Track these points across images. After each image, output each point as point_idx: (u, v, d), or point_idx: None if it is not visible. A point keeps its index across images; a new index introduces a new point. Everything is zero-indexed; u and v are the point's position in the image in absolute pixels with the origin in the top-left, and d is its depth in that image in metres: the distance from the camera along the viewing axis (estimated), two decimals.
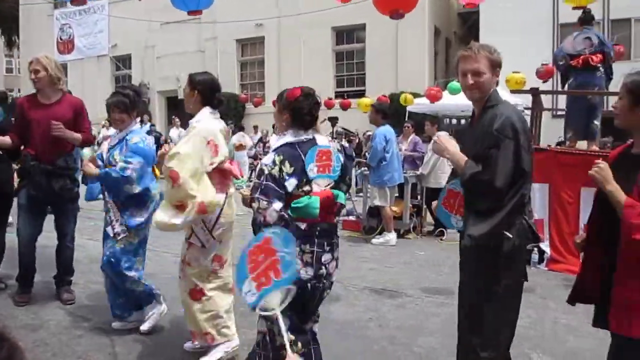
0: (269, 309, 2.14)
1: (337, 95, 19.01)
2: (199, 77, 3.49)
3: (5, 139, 4.36)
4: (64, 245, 4.66)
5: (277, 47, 21.03)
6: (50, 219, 4.68)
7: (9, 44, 32.85)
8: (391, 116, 8.33)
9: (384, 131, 7.53)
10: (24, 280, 4.57)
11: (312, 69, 18.65)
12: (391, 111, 14.84)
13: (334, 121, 8.66)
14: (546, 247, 6.22)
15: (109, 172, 3.73)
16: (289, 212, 2.60)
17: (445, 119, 13.58)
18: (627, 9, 15.45)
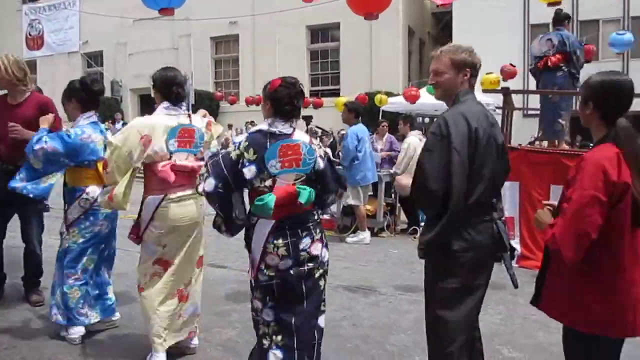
0: None
1: (312, 94, 19.03)
2: (155, 74, 3.47)
3: None
4: (29, 250, 4.57)
5: (251, 45, 20.95)
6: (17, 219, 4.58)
7: None
8: (365, 115, 8.37)
9: (356, 130, 7.55)
10: None
11: (286, 68, 18.53)
12: (365, 110, 15.01)
13: (308, 120, 8.67)
14: (516, 245, 6.31)
15: (33, 138, 3.68)
16: (252, 208, 2.70)
17: (418, 117, 13.69)
18: (595, 11, 15.78)
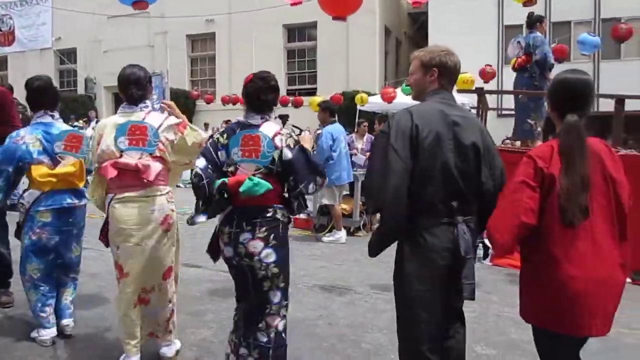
0: None
1: (289, 93, 19.00)
2: (118, 73, 3.38)
3: None
4: None
5: (228, 43, 20.82)
6: None
7: None
8: (342, 115, 8.39)
9: (331, 130, 7.55)
10: None
11: (263, 66, 17.95)
12: (342, 110, 15.04)
13: (284, 119, 8.65)
14: (490, 243, 6.39)
15: None
16: None
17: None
18: (567, 12, 16.06)
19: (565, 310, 2.20)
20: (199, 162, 2.85)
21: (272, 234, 2.84)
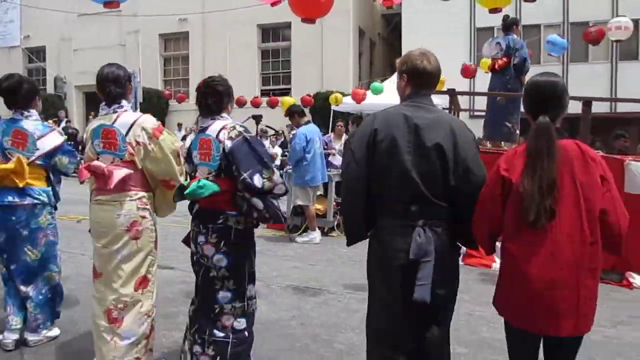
0: None
1: (264, 93, 18.95)
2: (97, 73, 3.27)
3: None
4: None
5: (201, 43, 20.66)
6: None
7: None
8: (316, 115, 8.40)
9: (304, 131, 7.54)
10: None
11: (237, 66, 18.44)
12: (316, 110, 15.07)
13: (258, 119, 8.61)
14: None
15: None
16: None
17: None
18: (536, 16, 16.34)
19: (525, 308, 2.26)
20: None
21: (222, 241, 2.86)
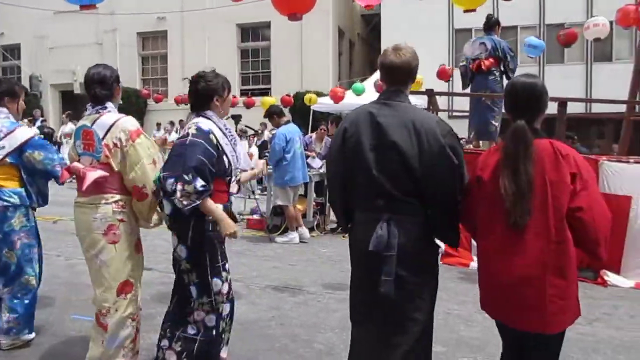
0: None
1: (243, 93, 18.88)
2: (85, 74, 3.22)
3: None
4: None
5: (180, 42, 20.50)
6: None
7: None
8: (295, 115, 8.39)
9: (284, 131, 7.53)
10: None
11: (216, 66, 18.06)
12: (295, 110, 15.06)
13: (237, 119, 8.58)
14: (441, 242, 6.48)
15: None
16: None
17: None
18: (513, 17, 16.55)
19: (497, 301, 2.38)
20: None
21: (182, 233, 2.93)
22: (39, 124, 15.81)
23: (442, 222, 2.52)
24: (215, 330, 2.99)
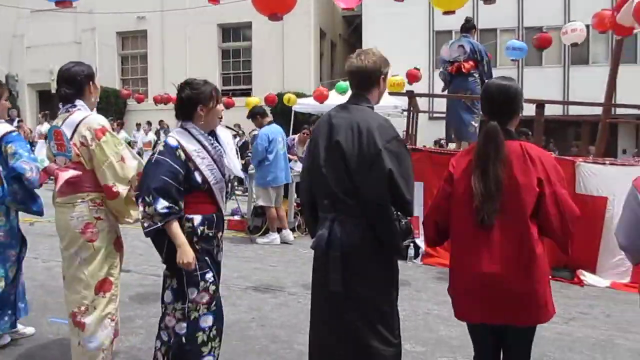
0: None
1: (224, 93, 18.78)
2: None
3: None
4: None
5: (160, 41, 20.35)
6: None
7: None
8: (277, 116, 8.38)
9: (267, 131, 7.51)
10: None
11: (197, 66, 18.20)
12: (277, 110, 15.03)
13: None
14: (421, 243, 6.52)
15: None
16: None
17: None
18: (493, 20, 16.77)
19: (463, 299, 2.46)
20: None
21: (157, 248, 2.86)
22: (15, 124, 15.56)
23: (379, 228, 2.45)
24: (185, 338, 2.82)
